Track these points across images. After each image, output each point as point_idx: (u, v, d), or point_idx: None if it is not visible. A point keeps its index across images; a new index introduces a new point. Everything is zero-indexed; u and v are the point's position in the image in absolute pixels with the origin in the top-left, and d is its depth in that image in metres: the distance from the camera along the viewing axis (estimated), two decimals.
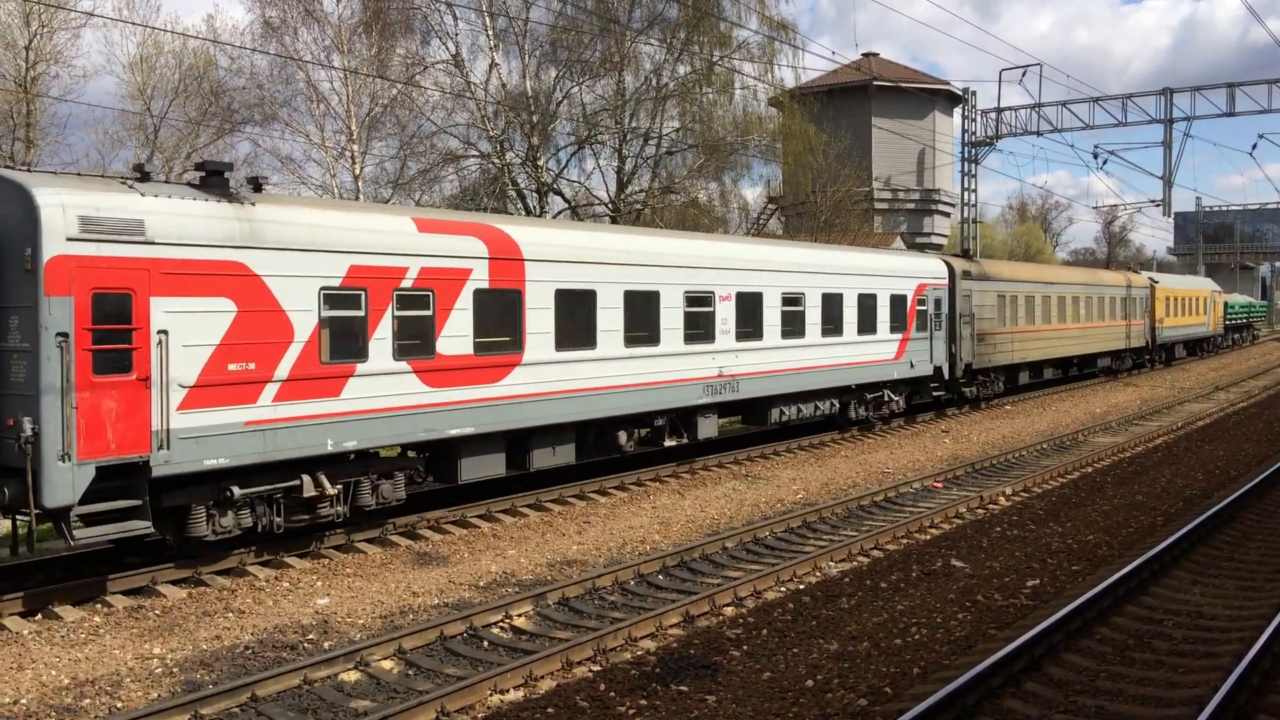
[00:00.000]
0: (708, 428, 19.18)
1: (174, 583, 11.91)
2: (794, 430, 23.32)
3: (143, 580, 11.77)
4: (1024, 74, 45.53)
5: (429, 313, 13.81)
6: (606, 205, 34.81)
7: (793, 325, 20.79)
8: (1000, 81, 49.91)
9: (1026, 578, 12.03)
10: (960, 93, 49.71)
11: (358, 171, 31.69)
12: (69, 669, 9.38)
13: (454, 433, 14.24)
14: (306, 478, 12.66)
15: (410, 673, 9.56)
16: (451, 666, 9.69)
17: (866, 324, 23.17)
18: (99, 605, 11.15)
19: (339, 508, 13.22)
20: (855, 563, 13.30)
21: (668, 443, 18.29)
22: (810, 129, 37.17)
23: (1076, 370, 37.39)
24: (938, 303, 26.10)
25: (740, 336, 19.27)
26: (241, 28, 51.58)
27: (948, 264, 27.25)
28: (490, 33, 32.65)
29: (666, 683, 8.91)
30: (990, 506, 16.68)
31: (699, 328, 18.40)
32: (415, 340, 13.67)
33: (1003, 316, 29.56)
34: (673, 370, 17.79)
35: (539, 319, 15.35)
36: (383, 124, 32.80)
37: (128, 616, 10.86)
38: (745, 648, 9.82)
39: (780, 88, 36.69)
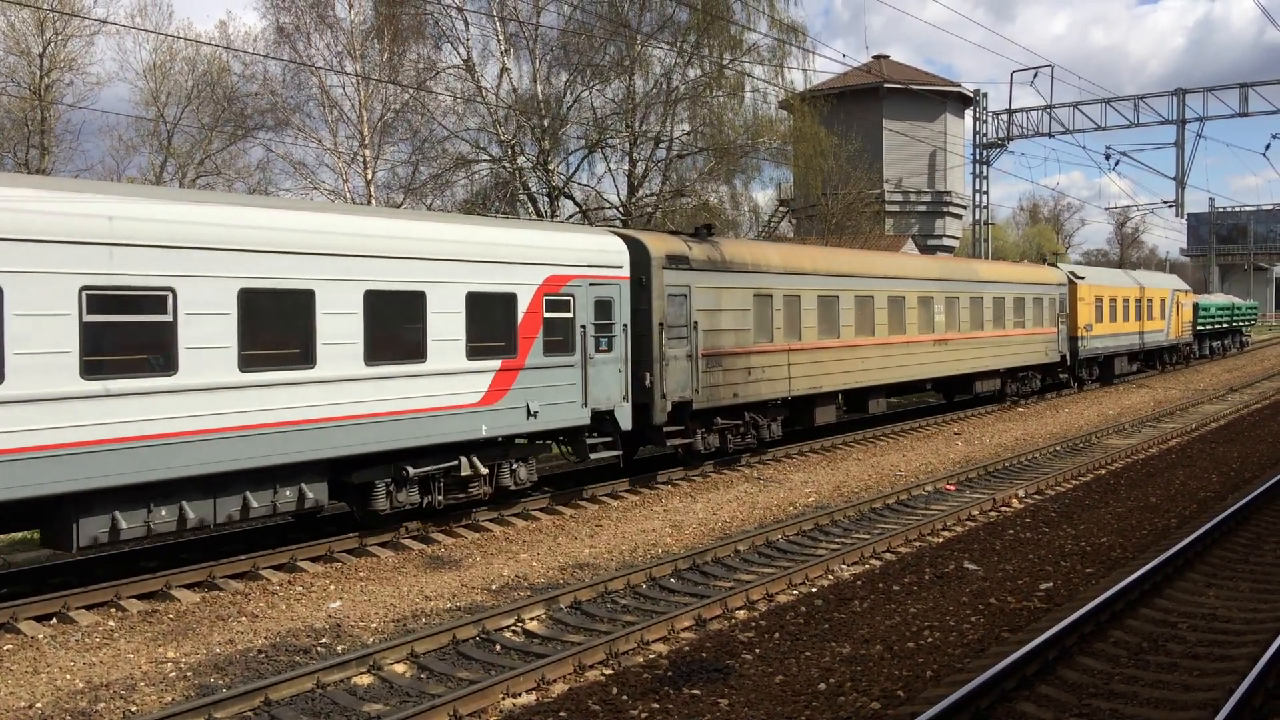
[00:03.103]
0: None
1: (188, 586, 11.95)
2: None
3: (157, 584, 11.81)
4: (1035, 75, 45.59)
5: None
6: (618, 209, 34.86)
7: (131, 350, 11.14)
8: (1011, 83, 50.06)
9: (1040, 580, 11.99)
10: (971, 94, 49.71)
11: (370, 176, 31.80)
12: (83, 673, 9.43)
13: None
14: None
15: (423, 676, 9.58)
16: (464, 670, 9.70)
17: (392, 345, 13.38)
18: (113, 609, 11.20)
19: None
20: (867, 565, 13.27)
21: None
22: (821, 131, 37.16)
23: (970, 396, 29.38)
24: (603, 306, 16.46)
25: None
26: (255, 34, 51.87)
27: (634, 243, 17.47)
28: (501, 37, 32.75)
29: (679, 686, 8.91)
30: (1003, 509, 16.62)
31: None
32: None
33: (766, 326, 19.98)
34: None
35: None
36: (395, 129, 32.93)
37: (142, 620, 10.91)
38: (757, 651, 9.81)
39: (791, 90, 36.70)
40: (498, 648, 10.30)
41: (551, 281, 15.60)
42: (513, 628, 10.79)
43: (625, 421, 16.93)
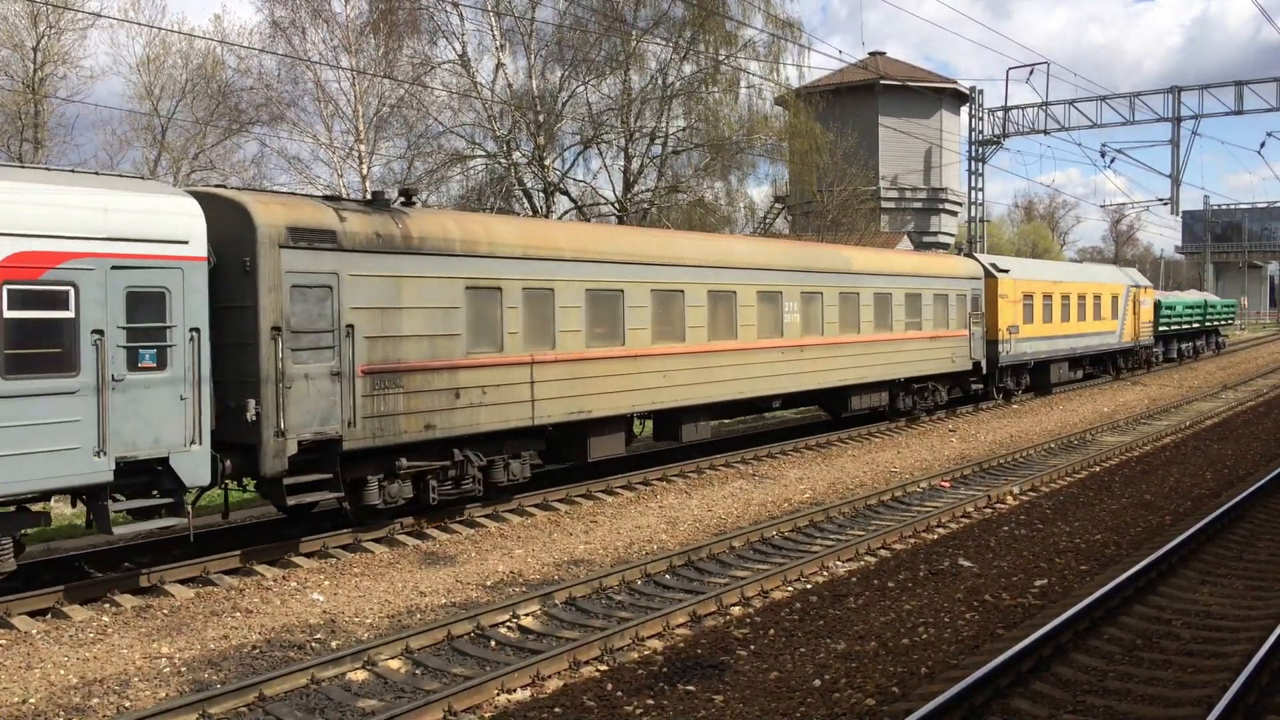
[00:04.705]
0: None
1: (182, 582, 11.93)
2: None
3: (151, 580, 11.79)
4: (1031, 72, 45.59)
5: None
6: (613, 205, 34.84)
7: None
8: (1007, 80, 50.06)
9: (1034, 577, 12.00)
10: (967, 91, 49.72)
11: (365, 172, 31.75)
12: (77, 668, 9.40)
13: None
14: None
15: (418, 672, 9.57)
16: (459, 666, 9.69)
17: None
18: (107, 605, 11.18)
19: None
20: (862, 562, 13.28)
21: None
22: (816, 128, 37.19)
23: (860, 412, 24.04)
24: (147, 301, 11.07)
25: None
26: (249, 28, 51.79)
27: (223, 206, 12.22)
28: (496, 32, 32.71)
29: (674, 683, 8.91)
30: (998, 506, 16.64)
31: None
32: None
33: (490, 330, 14.86)
34: None
35: None
36: (390, 124, 32.93)
37: (136, 616, 10.88)
38: (752, 647, 9.82)
39: (786, 87, 36.71)
40: (493, 644, 10.30)
41: (22, 262, 10.16)
42: (508, 624, 10.78)
43: (194, 474, 11.46)
